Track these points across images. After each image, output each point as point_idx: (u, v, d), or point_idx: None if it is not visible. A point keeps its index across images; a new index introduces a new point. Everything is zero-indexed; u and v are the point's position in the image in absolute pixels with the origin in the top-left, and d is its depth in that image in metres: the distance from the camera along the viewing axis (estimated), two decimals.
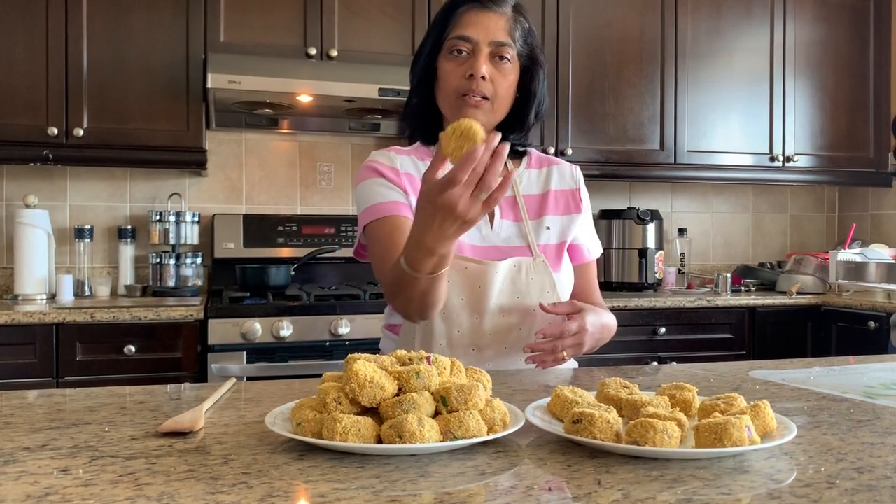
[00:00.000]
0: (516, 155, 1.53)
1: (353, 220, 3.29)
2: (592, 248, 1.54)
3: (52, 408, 1.03)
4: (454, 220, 1.03)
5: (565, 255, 1.46)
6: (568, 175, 1.52)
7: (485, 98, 1.38)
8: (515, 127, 1.47)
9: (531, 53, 1.44)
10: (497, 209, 1.45)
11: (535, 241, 1.43)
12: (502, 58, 1.39)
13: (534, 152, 1.55)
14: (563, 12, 3.27)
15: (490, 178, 0.99)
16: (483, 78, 1.37)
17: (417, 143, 1.54)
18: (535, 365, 1.33)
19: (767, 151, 3.55)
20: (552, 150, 3.23)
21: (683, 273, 3.63)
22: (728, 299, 3.17)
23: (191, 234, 3.08)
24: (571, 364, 1.49)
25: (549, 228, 1.45)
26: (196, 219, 3.11)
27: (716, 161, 3.49)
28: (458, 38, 1.39)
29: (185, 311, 2.57)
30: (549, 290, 1.39)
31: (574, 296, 1.48)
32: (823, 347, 3.21)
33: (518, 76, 1.43)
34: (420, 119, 1.51)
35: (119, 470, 0.75)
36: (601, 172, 3.32)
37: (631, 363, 2.91)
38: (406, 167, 1.47)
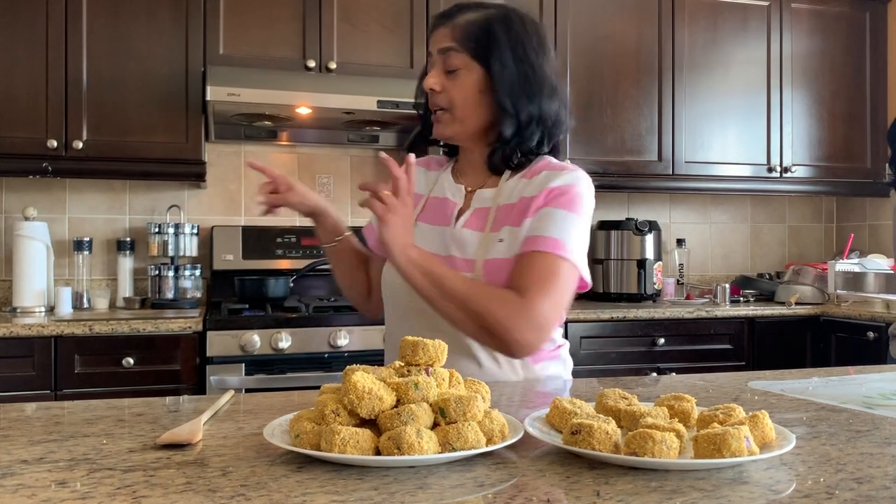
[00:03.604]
0: (510, 167, 1.43)
1: (351, 231, 3.29)
2: (541, 241, 1.31)
3: (51, 420, 1.03)
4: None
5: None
6: (547, 176, 1.37)
7: (443, 109, 1.39)
8: (500, 138, 1.40)
9: (486, 53, 1.36)
10: (465, 217, 1.40)
11: (484, 256, 1.35)
12: (452, 67, 1.37)
13: (544, 161, 1.42)
14: (560, 25, 3.29)
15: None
16: (434, 90, 1.39)
17: (441, 153, 1.58)
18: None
19: (765, 162, 3.56)
20: None
21: (682, 284, 3.63)
22: (727, 310, 3.17)
23: (190, 246, 3.08)
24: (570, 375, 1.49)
25: (501, 241, 1.35)
26: (195, 231, 3.11)
27: (714, 172, 3.50)
28: (428, 55, 1.44)
29: (183, 323, 2.57)
30: None
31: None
32: (822, 358, 3.21)
33: (483, 79, 1.36)
34: (425, 139, 1.54)
35: (117, 482, 0.75)
36: (599, 183, 3.25)
37: (630, 374, 2.91)
38: (415, 178, 1.42)
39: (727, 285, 3.40)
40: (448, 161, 1.54)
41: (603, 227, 3.43)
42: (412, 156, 1.28)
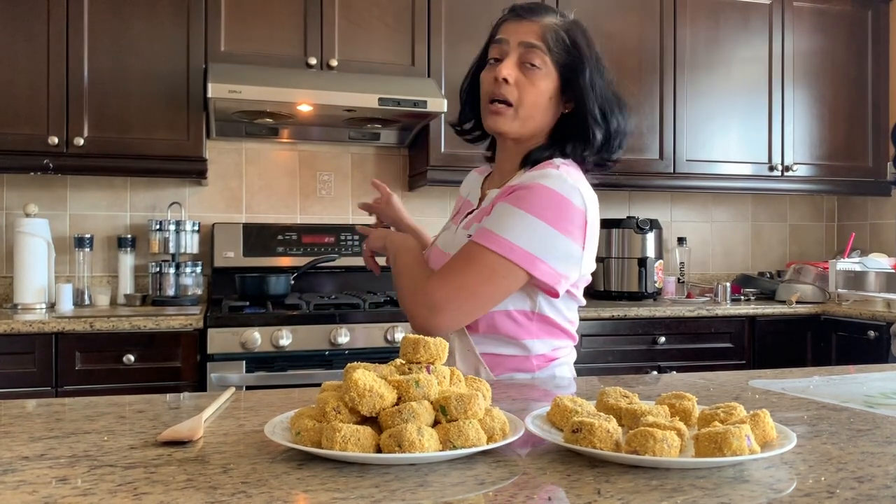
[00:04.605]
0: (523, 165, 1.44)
1: (352, 229, 3.29)
2: (479, 232, 1.32)
3: (51, 417, 1.03)
4: None
5: None
6: (515, 178, 1.38)
7: (508, 104, 1.36)
8: (558, 142, 1.40)
9: (571, 63, 1.37)
10: (469, 217, 1.43)
11: (453, 251, 1.37)
12: (532, 64, 1.35)
13: (550, 161, 1.39)
14: None
15: None
16: (507, 81, 1.34)
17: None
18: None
19: (766, 161, 3.56)
20: None
21: (683, 282, 3.63)
22: (728, 308, 3.17)
23: (190, 244, 3.08)
24: (571, 373, 1.49)
25: (469, 236, 1.36)
26: (196, 228, 3.11)
27: (715, 170, 3.49)
28: (494, 41, 1.40)
29: (184, 320, 2.57)
30: None
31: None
32: (823, 357, 3.21)
33: (556, 86, 1.37)
34: (466, 133, 1.54)
35: (118, 479, 0.75)
36: (600, 181, 3.24)
37: (630, 372, 2.91)
38: (464, 185, 1.58)
39: (728, 284, 3.40)
40: (491, 166, 1.55)
41: (604, 225, 3.42)
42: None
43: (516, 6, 1.42)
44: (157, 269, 3.00)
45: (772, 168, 3.56)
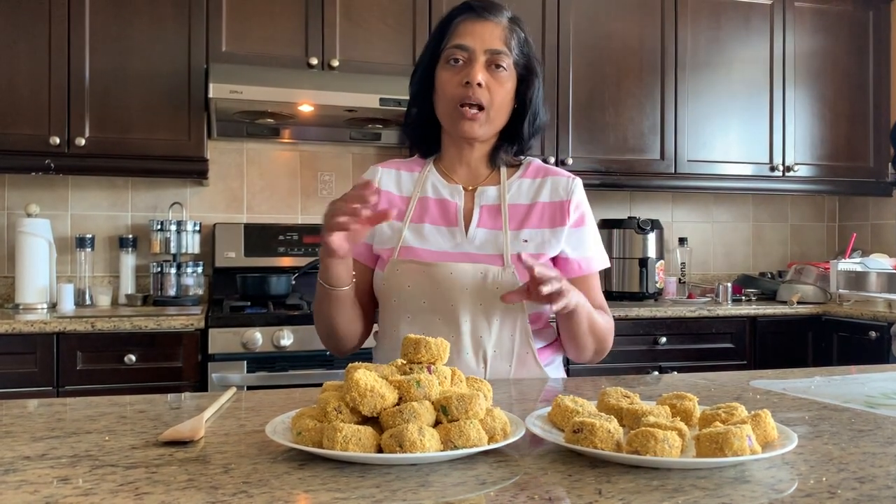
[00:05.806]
0: (512, 165, 1.51)
1: None
2: (589, 261, 1.45)
3: (53, 417, 1.03)
4: (324, 225, 1.22)
5: None
6: (562, 187, 1.45)
7: (480, 108, 1.39)
8: (514, 138, 1.47)
9: (527, 63, 1.44)
10: (475, 216, 1.42)
11: (509, 251, 1.38)
12: (498, 66, 1.39)
13: (535, 162, 1.51)
14: (563, 23, 3.28)
15: (349, 208, 1.17)
16: (479, 85, 1.37)
17: (417, 155, 1.54)
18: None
19: (767, 161, 3.56)
20: (552, 159, 3.24)
21: (684, 282, 3.63)
22: (729, 309, 3.16)
23: (192, 244, 3.08)
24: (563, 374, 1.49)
25: (525, 241, 1.39)
26: (197, 228, 3.11)
27: (716, 171, 3.49)
28: (455, 46, 1.40)
29: (185, 320, 2.57)
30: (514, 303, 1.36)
31: None
32: (824, 357, 3.20)
33: (515, 85, 1.43)
34: (419, 129, 1.52)
35: (119, 479, 0.75)
36: (601, 182, 3.32)
37: (632, 373, 2.90)
38: (386, 183, 1.49)
39: (729, 284, 3.40)
40: (424, 161, 1.53)
41: (605, 225, 3.42)
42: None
43: (472, 3, 1.43)
44: (159, 269, 3.00)
45: (773, 168, 3.56)
